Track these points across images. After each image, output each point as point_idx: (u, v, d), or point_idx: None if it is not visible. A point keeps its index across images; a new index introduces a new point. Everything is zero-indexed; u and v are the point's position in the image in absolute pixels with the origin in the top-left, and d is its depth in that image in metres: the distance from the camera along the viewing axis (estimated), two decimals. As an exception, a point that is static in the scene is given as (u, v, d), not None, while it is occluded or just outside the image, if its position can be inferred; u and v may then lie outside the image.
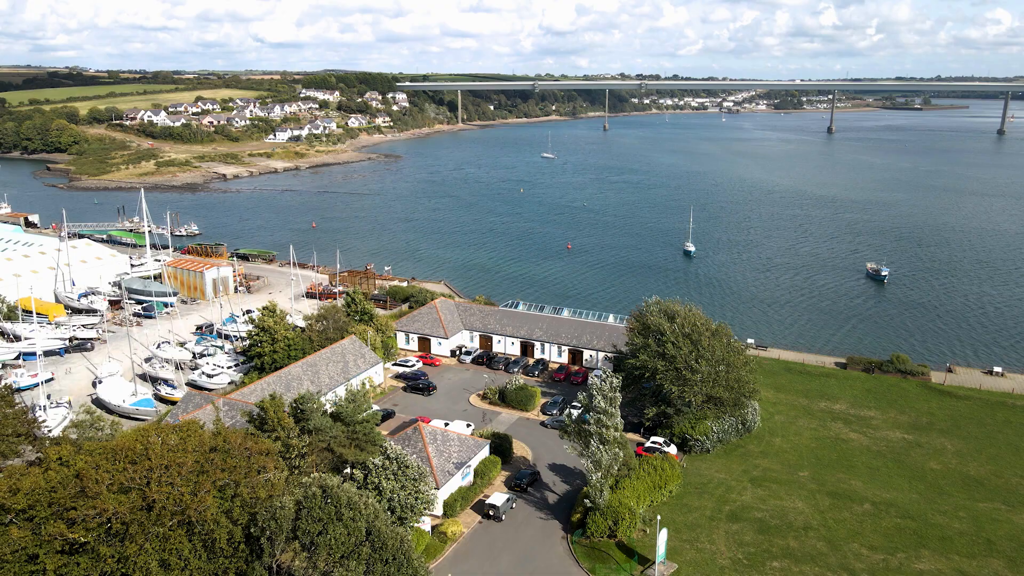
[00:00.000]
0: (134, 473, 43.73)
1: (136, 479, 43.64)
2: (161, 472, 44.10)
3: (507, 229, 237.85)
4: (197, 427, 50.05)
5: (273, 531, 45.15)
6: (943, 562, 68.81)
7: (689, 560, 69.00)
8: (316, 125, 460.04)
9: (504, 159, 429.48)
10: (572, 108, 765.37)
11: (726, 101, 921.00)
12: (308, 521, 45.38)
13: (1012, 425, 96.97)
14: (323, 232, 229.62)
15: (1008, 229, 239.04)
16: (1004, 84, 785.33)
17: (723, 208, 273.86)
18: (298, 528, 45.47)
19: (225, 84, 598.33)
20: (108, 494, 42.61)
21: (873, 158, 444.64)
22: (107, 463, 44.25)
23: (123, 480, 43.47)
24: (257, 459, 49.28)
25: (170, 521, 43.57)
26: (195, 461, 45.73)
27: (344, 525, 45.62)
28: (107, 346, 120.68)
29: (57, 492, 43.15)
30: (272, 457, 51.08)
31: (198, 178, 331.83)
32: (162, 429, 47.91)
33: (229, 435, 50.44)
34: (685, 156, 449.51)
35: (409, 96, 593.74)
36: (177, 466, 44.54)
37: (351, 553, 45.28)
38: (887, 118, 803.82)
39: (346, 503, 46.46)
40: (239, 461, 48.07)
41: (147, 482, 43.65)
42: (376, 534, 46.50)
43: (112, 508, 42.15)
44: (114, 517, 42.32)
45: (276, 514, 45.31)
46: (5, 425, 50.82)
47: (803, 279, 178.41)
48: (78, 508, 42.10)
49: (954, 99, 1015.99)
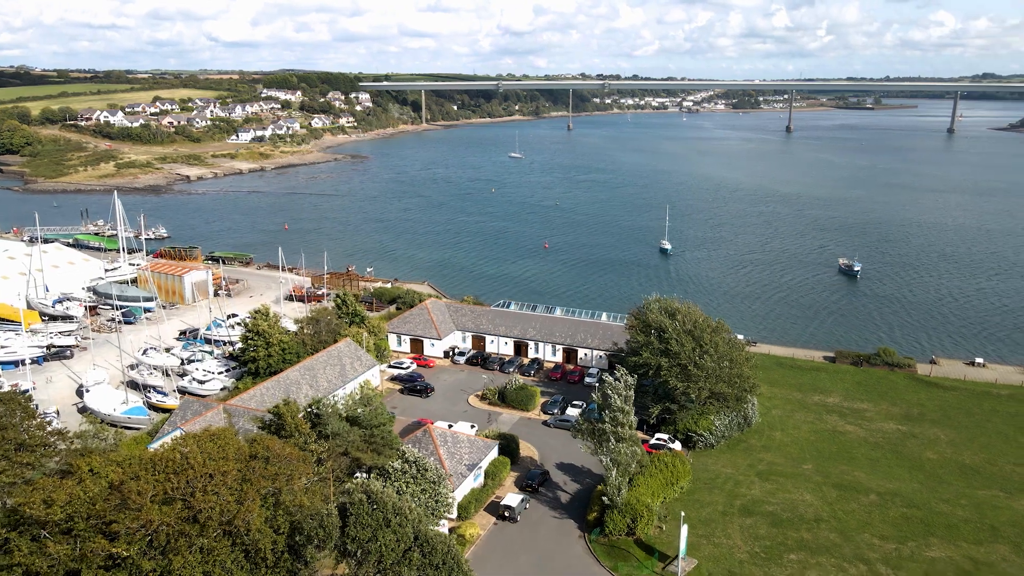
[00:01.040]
0: (177, 483, 42.23)
1: (180, 489, 42.14)
2: (205, 481, 42.69)
3: (481, 229, 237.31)
4: (233, 434, 48.56)
5: (321, 539, 44.08)
6: (952, 549, 70.48)
7: (708, 555, 69.49)
8: (279, 125, 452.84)
9: (471, 159, 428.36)
10: (535, 108, 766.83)
11: (686, 101, 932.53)
12: (356, 528, 44.38)
13: (999, 414, 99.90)
14: (296, 234, 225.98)
15: (966, 224, 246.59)
16: (953, 84, 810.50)
17: (692, 206, 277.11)
18: (347, 535, 44.48)
19: (183, 84, 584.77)
20: (152, 505, 41.05)
21: (832, 156, 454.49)
22: (146, 473, 42.62)
23: (166, 490, 41.92)
24: (297, 466, 48.09)
25: (214, 532, 42.17)
26: (237, 469, 44.35)
27: (393, 531, 44.77)
28: (87, 353, 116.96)
29: (96, 504, 41.40)
30: (309, 464, 49.85)
31: (160, 180, 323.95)
32: (198, 437, 46.39)
33: (267, 442, 49.07)
34: (650, 155, 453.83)
35: (372, 96, 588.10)
36: (221, 475, 43.16)
37: (402, 559, 44.47)
38: (841, 117, 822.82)
39: (392, 508, 45.61)
40: (280, 468, 46.80)
41: (191, 492, 42.17)
42: (425, 539, 45.74)
43: (157, 520, 40.62)
44: (160, 529, 40.75)
45: (323, 521, 44.23)
46: (32, 436, 48.57)
47: (778, 275, 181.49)
48: (120, 520, 40.47)
49: (903, 99, 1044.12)
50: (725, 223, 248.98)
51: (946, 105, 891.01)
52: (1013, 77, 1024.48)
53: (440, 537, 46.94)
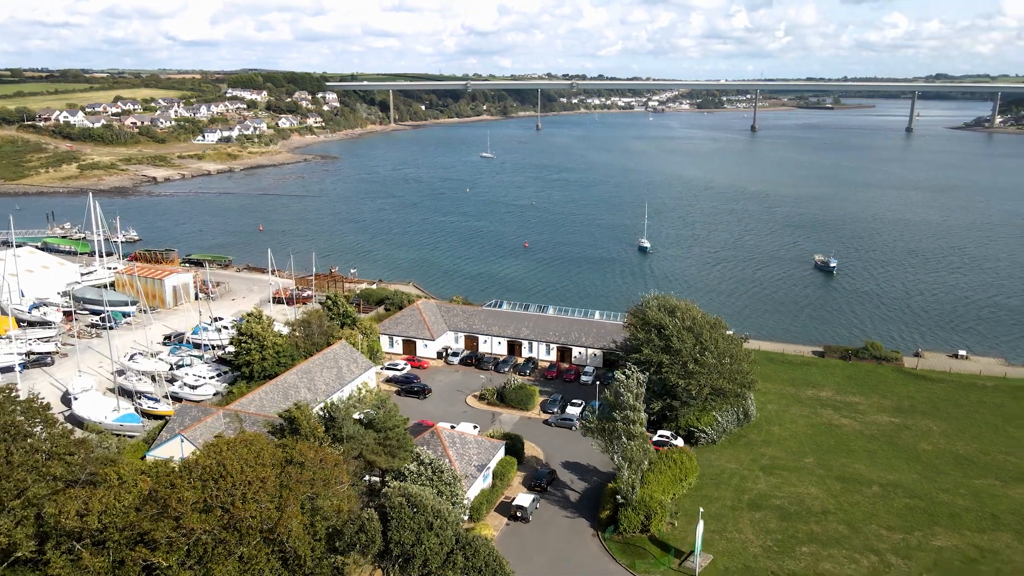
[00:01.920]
0: (217, 491, 40.97)
1: (220, 497, 40.90)
2: (245, 488, 41.48)
3: (458, 228, 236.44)
4: (264, 439, 47.30)
5: (364, 544, 43.18)
6: (957, 538, 71.98)
7: (722, 550, 69.96)
8: (246, 126, 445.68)
9: (442, 159, 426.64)
10: (503, 107, 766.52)
11: (651, 101, 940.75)
12: (399, 532, 43.58)
13: (986, 405, 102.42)
14: (271, 235, 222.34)
15: (931, 220, 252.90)
16: (908, 84, 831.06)
17: (666, 204, 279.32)
18: (389, 540, 43.65)
19: (144, 83, 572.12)
20: (193, 514, 39.76)
21: (797, 155, 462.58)
22: (183, 481, 41.27)
23: (206, 498, 40.65)
24: (332, 470, 47.08)
25: (255, 540, 41.02)
26: (275, 476, 43.19)
27: (435, 534, 44.09)
28: (68, 360, 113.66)
29: (130, 514, 39.98)
30: (343, 468, 48.86)
31: (126, 181, 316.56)
32: (231, 443, 45.06)
33: (300, 446, 47.91)
34: (620, 154, 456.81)
35: (340, 96, 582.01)
36: (260, 482, 41.99)
37: (445, 562, 43.83)
38: (803, 117, 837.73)
39: (432, 511, 44.92)
40: (316, 473, 45.75)
41: (231, 500, 40.93)
42: (466, 541, 45.14)
43: (199, 528, 39.36)
44: (202, 537, 39.48)
45: (365, 526, 43.35)
46: (59, 445, 46.57)
47: (756, 272, 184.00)
48: (160, 529, 39.13)
49: (861, 98, 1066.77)
50: (699, 221, 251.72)
51: (902, 105, 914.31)
52: (965, 77, 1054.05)
53: (481, 539, 46.43)
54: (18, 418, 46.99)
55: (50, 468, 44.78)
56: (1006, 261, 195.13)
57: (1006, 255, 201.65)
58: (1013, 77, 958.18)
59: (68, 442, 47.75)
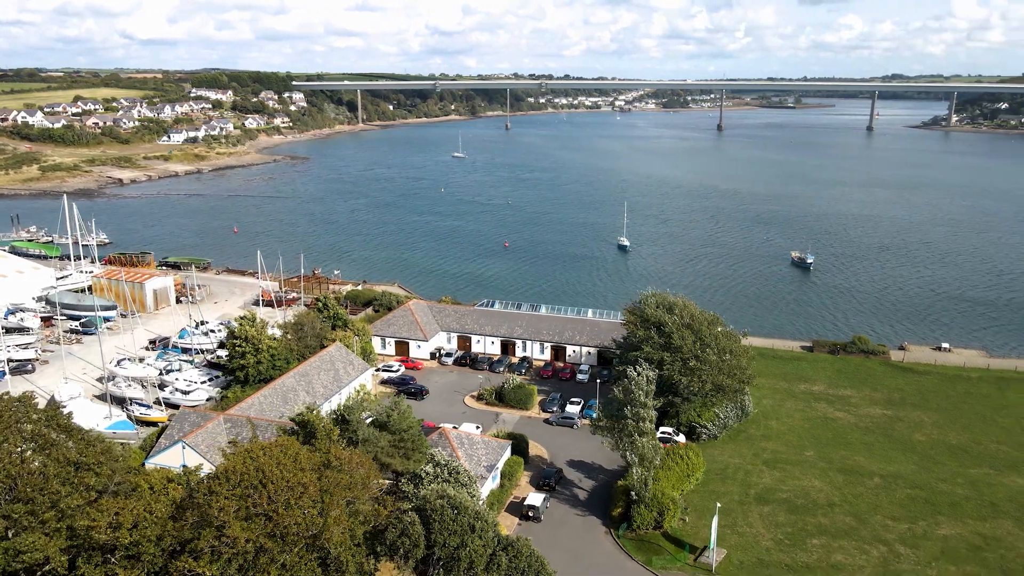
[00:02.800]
0: (259, 498, 39.86)
1: (263, 504, 39.80)
2: (287, 494, 40.44)
3: (436, 228, 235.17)
4: (298, 444, 46.21)
5: (407, 548, 42.45)
6: (960, 527, 73.57)
7: (734, 544, 70.52)
8: (212, 126, 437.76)
9: (413, 159, 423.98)
10: (471, 107, 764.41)
11: (618, 100, 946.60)
12: (443, 534, 42.94)
13: (973, 396, 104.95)
14: (246, 237, 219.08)
15: (897, 215, 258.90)
16: (866, 84, 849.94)
17: (640, 202, 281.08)
18: (433, 543, 42.99)
19: (104, 83, 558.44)
20: (236, 522, 38.63)
21: (764, 153, 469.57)
22: (222, 488, 40.04)
23: (248, 505, 39.51)
24: (368, 473, 46.19)
25: (299, 547, 40.03)
26: (315, 480, 42.18)
27: (479, 535, 43.57)
28: (49, 367, 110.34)
29: (166, 524, 38.71)
30: (377, 471, 47.99)
31: (91, 183, 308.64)
32: (266, 448, 43.87)
33: (334, 449, 46.93)
34: (591, 153, 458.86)
35: (306, 96, 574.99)
36: (301, 487, 40.97)
37: (489, 564, 43.33)
38: (766, 116, 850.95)
39: (473, 513, 44.38)
40: (354, 477, 44.84)
41: (274, 507, 39.84)
42: (508, 543, 44.68)
43: (243, 537, 38.24)
44: (245, 546, 38.34)
45: (408, 530, 42.63)
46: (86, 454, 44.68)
47: (734, 268, 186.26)
48: (202, 539, 37.94)
49: (821, 98, 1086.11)
50: (673, 219, 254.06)
51: (860, 104, 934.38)
52: (919, 78, 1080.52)
53: (523, 540, 46.02)
54: (44, 428, 45.26)
55: (82, 479, 43.18)
56: (970, 255, 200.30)
57: (970, 249, 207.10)
58: (965, 77, 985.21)
59: (96, 451, 46.13)
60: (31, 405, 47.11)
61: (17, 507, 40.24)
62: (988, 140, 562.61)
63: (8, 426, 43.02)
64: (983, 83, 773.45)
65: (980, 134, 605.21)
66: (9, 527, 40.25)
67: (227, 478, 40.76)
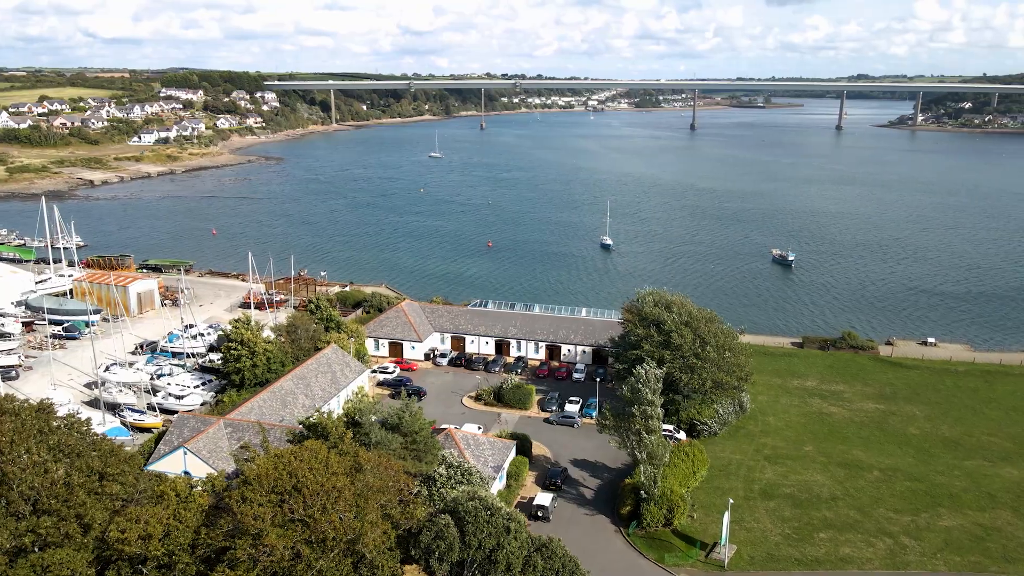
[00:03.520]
0: (295, 504, 39.10)
1: (299, 510, 39.04)
2: (323, 500, 39.72)
3: (417, 229, 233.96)
4: (325, 448, 45.44)
5: (442, 551, 41.97)
6: (961, 518, 74.94)
7: (744, 540, 71.03)
8: (184, 126, 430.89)
9: (389, 159, 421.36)
10: (446, 107, 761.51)
11: (591, 100, 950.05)
12: (478, 536, 42.53)
13: (962, 389, 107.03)
14: (225, 239, 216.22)
15: (870, 213, 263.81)
16: (834, 84, 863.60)
17: (619, 201, 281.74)
18: (468, 545, 42.55)
19: (70, 82, 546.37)
20: (273, 529, 37.84)
21: (737, 152, 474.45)
22: (255, 495, 39.19)
23: (284, 512, 38.73)
24: (399, 476, 45.58)
25: (336, 553, 39.35)
26: (349, 484, 41.49)
27: (515, 536, 43.24)
28: (34, 373, 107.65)
29: (200, 532, 37.81)
30: (408, 475, 47.36)
31: (61, 185, 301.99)
32: (298, 452, 43.04)
33: (363, 453, 46.21)
34: (567, 153, 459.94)
35: (279, 95, 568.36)
36: (336, 491, 40.26)
37: (525, 566, 43.02)
38: (738, 115, 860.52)
39: (506, 514, 44.04)
40: (386, 481, 44.21)
41: (310, 513, 39.09)
42: (541, 544, 44.41)
43: (280, 545, 37.47)
44: (284, 554, 37.58)
45: (442, 533, 42.14)
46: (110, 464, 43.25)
47: (716, 266, 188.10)
48: (239, 547, 37.11)
49: (790, 98, 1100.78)
50: (653, 217, 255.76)
51: (828, 104, 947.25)
52: (884, 78, 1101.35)
53: (555, 541, 45.81)
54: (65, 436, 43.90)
55: (107, 488, 41.93)
56: (943, 251, 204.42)
57: (941, 245, 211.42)
58: (929, 77, 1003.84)
59: (119, 459, 44.88)
60: (51, 413, 45.78)
61: (43, 520, 38.95)
62: (953, 139, 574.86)
63: (30, 435, 41.73)
64: (946, 83, 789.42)
65: (945, 133, 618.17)
66: (35, 541, 38.94)
67: (260, 484, 39.96)
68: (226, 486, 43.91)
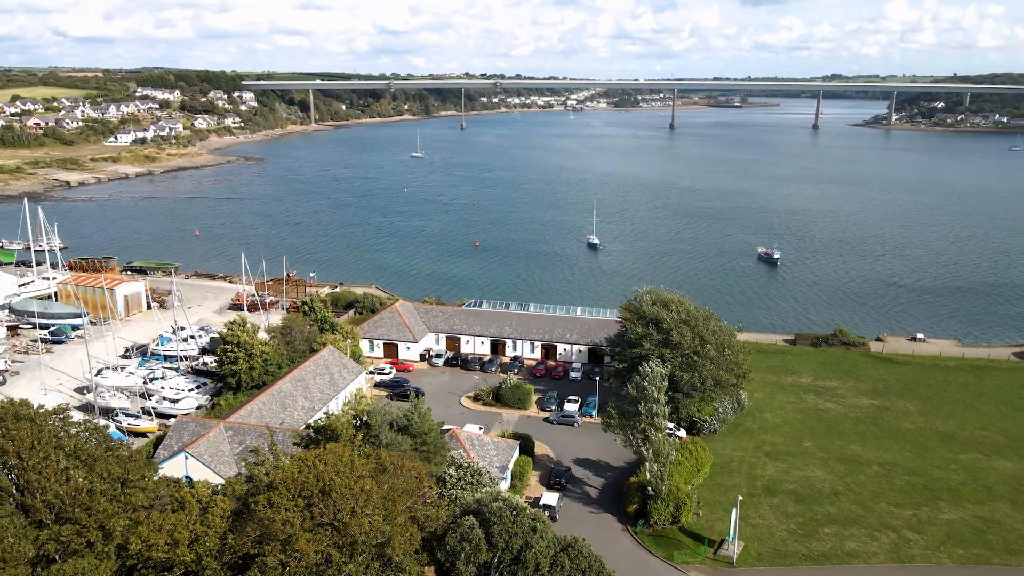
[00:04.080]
0: (325, 507, 38.54)
1: (328, 514, 38.48)
2: (352, 503, 39.18)
3: (402, 229, 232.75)
4: (348, 451, 44.84)
5: (469, 554, 41.63)
6: (961, 511, 75.99)
7: (750, 536, 71.44)
8: (161, 127, 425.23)
9: (370, 159, 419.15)
10: (425, 107, 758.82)
11: (570, 99, 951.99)
12: (504, 537, 42.23)
13: (953, 384, 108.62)
14: (208, 240, 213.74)
15: (850, 210, 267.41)
16: (809, 84, 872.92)
17: (602, 200, 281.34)
18: (495, 546, 42.23)
19: (42, 82, 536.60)
20: (303, 534, 37.27)
21: (716, 151, 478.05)
22: (281, 499, 38.57)
23: (312, 516, 38.15)
24: (422, 478, 45.15)
25: (366, 556, 38.84)
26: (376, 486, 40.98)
27: (541, 536, 43.03)
28: (21, 378, 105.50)
29: (227, 538, 37.13)
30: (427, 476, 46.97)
31: (36, 186, 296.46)
32: (322, 454, 42.41)
33: (384, 455, 45.68)
34: (549, 152, 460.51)
35: (257, 95, 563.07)
36: (365, 494, 39.73)
37: (553, 565, 42.82)
38: (715, 115, 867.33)
39: (531, 513, 43.81)
40: (411, 483, 43.76)
41: (340, 517, 38.53)
42: (567, 543, 44.24)
43: (312, 550, 36.92)
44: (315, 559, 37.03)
45: (468, 534, 41.81)
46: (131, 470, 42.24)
47: (703, 264, 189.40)
48: (268, 554, 36.49)
49: (766, 97, 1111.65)
50: (637, 216, 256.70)
51: (803, 103, 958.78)
52: (858, 78, 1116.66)
53: (581, 541, 45.68)
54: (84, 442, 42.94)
55: (130, 496, 41.04)
56: (923, 248, 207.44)
57: (921, 242, 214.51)
58: (901, 77, 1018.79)
59: (138, 465, 43.98)
60: (68, 418, 44.75)
61: (66, 528, 38.04)
62: (927, 137, 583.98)
63: (48, 441, 40.71)
64: (918, 83, 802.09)
65: (919, 132, 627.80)
66: (59, 550, 37.98)
67: (286, 488, 39.33)
68: (245, 491, 43.16)
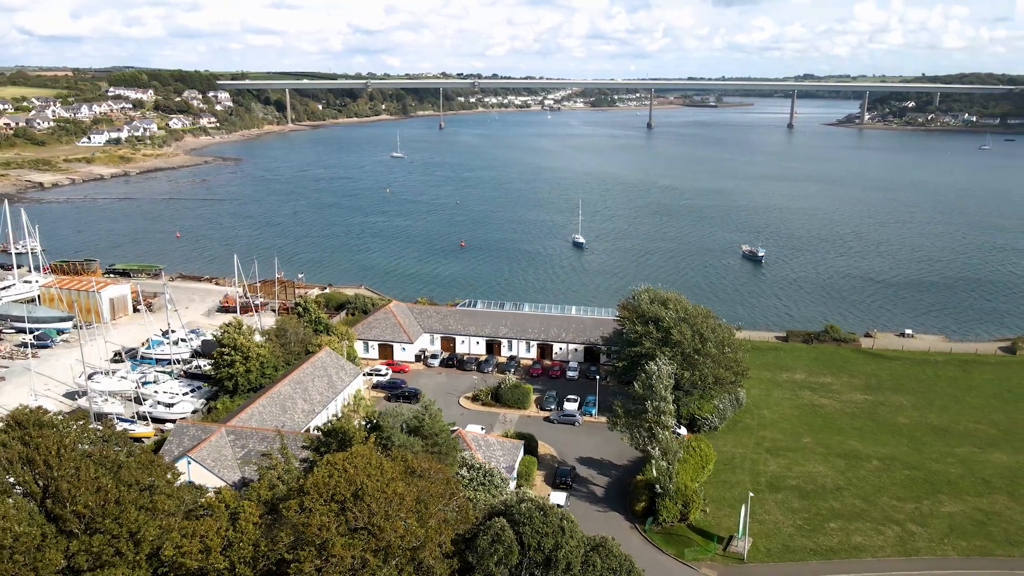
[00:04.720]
0: (359, 511, 37.94)
1: (363, 518, 37.88)
2: (386, 506, 38.61)
3: (386, 229, 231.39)
4: (375, 453, 44.22)
5: (501, 555, 41.23)
6: (961, 503, 77.17)
7: (757, 532, 71.89)
8: (135, 127, 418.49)
9: (349, 159, 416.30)
10: (403, 106, 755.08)
11: (547, 99, 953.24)
12: (536, 537, 41.91)
13: (943, 379, 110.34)
14: (189, 242, 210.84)
15: (827, 208, 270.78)
16: (783, 84, 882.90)
17: (585, 199, 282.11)
18: (527, 547, 41.89)
19: (11, 81, 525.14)
20: (339, 538, 36.64)
21: (694, 150, 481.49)
22: (314, 504, 37.90)
23: (350, 520, 37.51)
24: (449, 480, 44.64)
25: (401, 560, 38.30)
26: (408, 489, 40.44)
27: (571, 536, 42.80)
28: (8, 383, 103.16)
29: (260, 544, 36.40)
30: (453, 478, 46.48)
31: (8, 188, 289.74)
32: (350, 457, 41.76)
33: (411, 458, 45.14)
34: (528, 152, 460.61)
35: (232, 95, 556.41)
36: (398, 497, 39.18)
37: (584, 565, 42.60)
38: (691, 115, 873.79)
39: (559, 513, 43.57)
40: (439, 486, 43.26)
41: (374, 520, 37.93)
42: (597, 543, 44.07)
43: (348, 556, 36.31)
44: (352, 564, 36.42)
45: (500, 536, 41.42)
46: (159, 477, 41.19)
47: (688, 262, 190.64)
48: (304, 560, 35.83)
49: (740, 96, 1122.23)
50: (619, 215, 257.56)
51: (777, 103, 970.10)
52: (829, 78, 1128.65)
53: (611, 540, 45.54)
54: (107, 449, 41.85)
55: (158, 504, 40.06)
56: (900, 245, 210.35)
57: (898, 240, 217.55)
58: (871, 77, 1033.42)
59: (162, 471, 42.98)
60: (87, 423, 43.58)
61: (96, 539, 36.97)
62: (899, 136, 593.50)
63: (72, 448, 39.56)
64: (888, 83, 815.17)
65: (891, 131, 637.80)
66: (89, 560, 36.93)
67: (317, 492, 38.67)
68: (271, 496, 42.45)
